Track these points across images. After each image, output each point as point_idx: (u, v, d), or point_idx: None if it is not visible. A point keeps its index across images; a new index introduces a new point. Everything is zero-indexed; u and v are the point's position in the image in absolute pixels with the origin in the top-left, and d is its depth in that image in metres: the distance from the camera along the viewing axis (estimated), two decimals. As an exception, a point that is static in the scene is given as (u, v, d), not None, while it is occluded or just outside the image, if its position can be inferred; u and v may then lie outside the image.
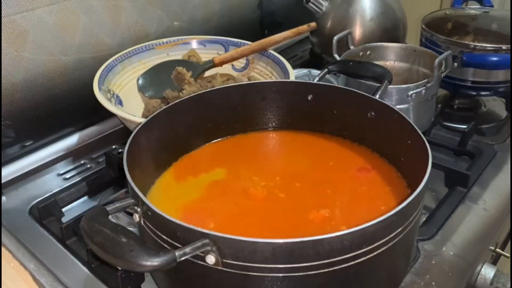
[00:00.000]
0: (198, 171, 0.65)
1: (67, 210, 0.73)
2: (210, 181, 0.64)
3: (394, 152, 0.64)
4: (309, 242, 0.42)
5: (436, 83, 0.80)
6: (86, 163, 0.81)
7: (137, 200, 0.48)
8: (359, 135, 0.68)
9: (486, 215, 0.70)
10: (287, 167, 0.68)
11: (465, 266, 0.62)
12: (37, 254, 0.63)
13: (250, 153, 0.70)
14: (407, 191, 0.60)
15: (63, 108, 0.83)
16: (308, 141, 0.71)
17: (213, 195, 0.62)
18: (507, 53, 0.84)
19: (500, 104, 0.98)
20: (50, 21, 0.77)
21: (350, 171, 0.65)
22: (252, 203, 0.60)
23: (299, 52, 1.19)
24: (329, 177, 0.64)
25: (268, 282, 0.44)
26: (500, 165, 0.79)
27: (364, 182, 0.63)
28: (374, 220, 0.43)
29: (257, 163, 0.69)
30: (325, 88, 0.68)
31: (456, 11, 1.02)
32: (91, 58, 0.85)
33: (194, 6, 1.00)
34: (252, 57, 0.89)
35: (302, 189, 0.62)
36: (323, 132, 0.71)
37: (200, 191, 0.62)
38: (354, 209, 0.59)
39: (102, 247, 0.42)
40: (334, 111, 0.69)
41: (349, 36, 0.90)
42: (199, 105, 0.66)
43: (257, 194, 0.61)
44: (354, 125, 0.68)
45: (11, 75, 0.75)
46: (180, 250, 0.41)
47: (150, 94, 0.84)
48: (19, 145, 0.79)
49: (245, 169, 0.66)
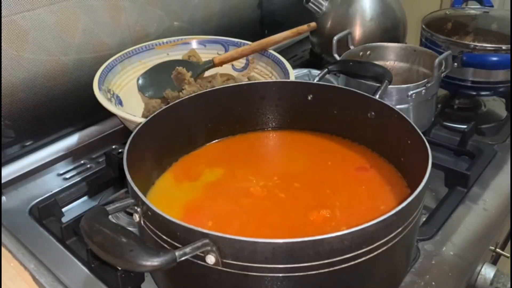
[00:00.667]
0: (198, 171, 0.65)
1: (67, 210, 0.73)
2: (210, 181, 0.64)
3: (394, 152, 0.64)
4: (309, 242, 0.42)
5: (436, 83, 0.80)
6: (86, 163, 0.81)
7: (137, 200, 0.48)
8: (359, 135, 0.68)
9: (486, 215, 0.70)
10: (287, 167, 0.68)
11: (465, 266, 0.62)
12: (37, 254, 0.63)
13: (250, 153, 0.70)
14: (407, 191, 0.60)
15: (63, 108, 0.83)
16: (308, 141, 0.71)
17: (213, 194, 0.62)
18: (507, 53, 0.84)
19: (500, 104, 0.98)
20: (50, 21, 0.77)
21: (350, 171, 0.65)
22: (252, 201, 0.60)
23: (299, 52, 1.19)
24: (329, 177, 0.64)
25: (268, 282, 0.44)
26: (500, 165, 0.79)
27: (364, 182, 0.63)
28: (374, 220, 0.43)
29: (257, 163, 0.69)
30: (325, 88, 0.68)
31: (456, 11, 1.02)
32: (91, 58, 0.85)
33: (194, 6, 1.00)
34: (252, 57, 0.89)
35: (302, 189, 0.62)
36: (323, 132, 0.71)
37: (200, 191, 0.62)
38: (354, 209, 0.59)
39: (102, 247, 0.42)
40: (334, 111, 0.68)
41: (349, 36, 0.90)
42: (199, 105, 0.66)
43: (257, 193, 0.61)
44: (354, 125, 0.68)
45: (11, 75, 0.75)
46: (180, 250, 0.41)
47: (150, 94, 0.84)
48: (19, 145, 0.79)
49: (245, 169, 0.66)
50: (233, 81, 0.87)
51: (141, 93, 0.85)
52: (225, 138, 0.71)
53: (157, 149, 0.62)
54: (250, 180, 0.63)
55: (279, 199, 0.60)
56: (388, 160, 0.65)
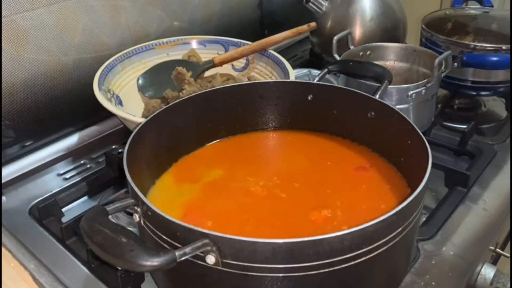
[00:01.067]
0: (198, 171, 0.65)
1: (67, 210, 0.73)
2: (210, 180, 0.64)
3: (394, 152, 0.64)
4: (309, 242, 0.42)
5: (436, 83, 0.80)
6: (86, 163, 0.81)
7: (137, 200, 0.48)
8: (359, 135, 0.68)
9: (486, 215, 0.70)
10: (287, 167, 0.68)
11: (465, 266, 0.62)
12: (37, 254, 0.63)
13: (250, 153, 0.70)
14: (407, 191, 0.60)
15: (63, 108, 0.83)
16: (308, 141, 0.71)
17: (213, 194, 0.62)
18: (507, 53, 0.84)
19: (500, 104, 0.98)
20: (50, 21, 0.77)
21: (350, 171, 0.65)
22: (252, 201, 0.60)
23: (299, 52, 1.19)
24: (329, 177, 0.64)
25: (268, 282, 0.44)
26: (500, 165, 0.79)
27: (364, 182, 0.63)
28: (374, 220, 0.43)
29: (257, 163, 0.69)
30: (325, 88, 0.68)
31: (456, 11, 1.02)
32: (91, 58, 0.85)
33: (194, 6, 1.00)
34: (252, 57, 0.89)
35: (302, 189, 0.62)
36: (323, 132, 0.71)
37: (200, 191, 0.62)
38: (355, 209, 0.59)
39: (102, 247, 0.42)
40: (334, 111, 0.68)
41: (349, 36, 0.90)
42: (199, 105, 0.66)
43: (257, 193, 0.61)
44: (354, 125, 0.68)
45: (11, 75, 0.75)
46: (180, 250, 0.41)
47: (150, 94, 0.84)
48: (19, 145, 0.79)
49: (245, 169, 0.66)
50: (233, 81, 0.87)
51: (141, 93, 0.85)
52: (225, 138, 0.71)
53: (157, 149, 0.62)
54: (250, 180, 0.63)
55: (279, 199, 0.60)
56: (388, 160, 0.65)
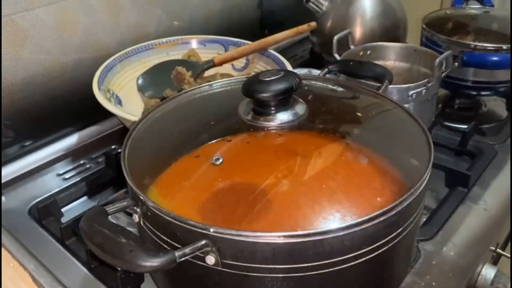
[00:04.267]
0: (198, 171, 0.65)
1: (67, 210, 0.73)
2: (210, 180, 0.64)
3: (394, 152, 0.64)
4: (309, 242, 0.42)
5: (437, 83, 0.80)
6: (86, 163, 0.81)
7: (137, 200, 0.48)
8: (359, 135, 0.68)
9: (487, 215, 0.70)
10: (287, 166, 0.68)
11: (466, 267, 0.62)
12: (36, 255, 0.63)
13: (250, 153, 0.70)
14: (407, 191, 0.60)
15: (63, 108, 0.83)
16: (308, 141, 0.71)
17: (213, 194, 0.61)
18: (508, 53, 0.84)
19: (500, 104, 0.98)
20: (49, 21, 0.77)
21: (350, 170, 0.65)
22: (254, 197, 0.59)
23: (299, 52, 1.19)
24: (329, 177, 0.64)
25: (268, 283, 0.44)
26: (501, 165, 0.79)
27: (364, 181, 0.63)
28: (374, 220, 0.43)
29: (257, 162, 0.68)
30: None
31: (457, 11, 1.02)
32: (91, 58, 0.85)
33: (194, 6, 1.00)
34: (252, 56, 0.89)
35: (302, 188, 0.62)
36: (323, 132, 0.71)
37: (201, 191, 0.62)
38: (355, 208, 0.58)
39: (101, 248, 0.42)
40: (334, 111, 0.68)
41: (349, 35, 0.90)
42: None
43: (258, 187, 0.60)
44: (354, 125, 0.68)
45: (11, 75, 0.75)
46: (179, 251, 0.41)
47: (149, 94, 0.84)
48: (18, 145, 0.79)
49: (245, 168, 0.66)
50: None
51: (140, 93, 0.85)
52: (225, 138, 0.71)
53: (156, 148, 0.62)
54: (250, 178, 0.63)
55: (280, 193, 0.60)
56: (388, 160, 0.65)
